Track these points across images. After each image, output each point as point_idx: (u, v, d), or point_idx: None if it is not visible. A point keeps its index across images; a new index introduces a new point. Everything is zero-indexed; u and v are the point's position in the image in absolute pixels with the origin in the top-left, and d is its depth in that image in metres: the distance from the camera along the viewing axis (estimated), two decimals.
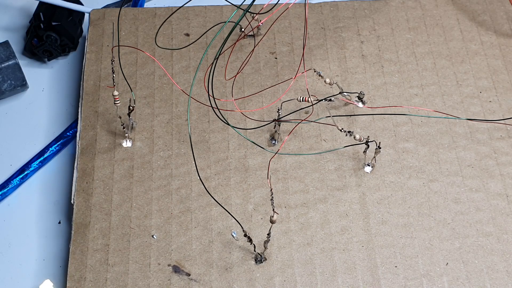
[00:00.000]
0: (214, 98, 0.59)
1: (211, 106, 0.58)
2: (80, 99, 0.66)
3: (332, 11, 0.72)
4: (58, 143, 0.66)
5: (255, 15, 0.68)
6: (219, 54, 0.54)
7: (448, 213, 0.61)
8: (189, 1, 0.64)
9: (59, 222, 0.63)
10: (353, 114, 0.66)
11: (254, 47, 0.69)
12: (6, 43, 0.69)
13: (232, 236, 0.59)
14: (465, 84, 0.68)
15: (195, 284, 0.57)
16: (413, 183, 0.62)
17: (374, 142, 0.61)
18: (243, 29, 0.68)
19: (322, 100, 0.63)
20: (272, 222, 0.55)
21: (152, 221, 0.60)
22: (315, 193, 0.61)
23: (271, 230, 0.57)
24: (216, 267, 0.58)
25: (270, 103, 0.66)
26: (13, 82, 0.68)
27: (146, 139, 0.64)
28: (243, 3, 0.61)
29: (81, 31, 0.73)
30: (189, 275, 0.58)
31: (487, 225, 0.60)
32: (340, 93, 0.65)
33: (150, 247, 0.59)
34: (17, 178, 0.65)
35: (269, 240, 0.58)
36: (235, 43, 0.69)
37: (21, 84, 0.69)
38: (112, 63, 0.60)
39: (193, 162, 0.62)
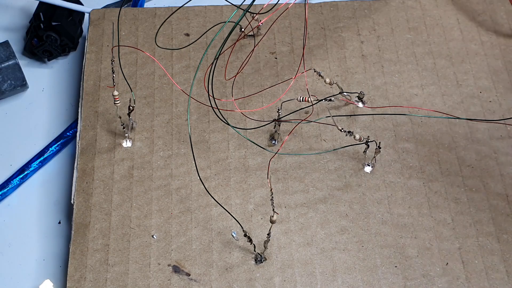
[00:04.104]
0: (214, 98, 0.59)
1: (211, 106, 0.58)
2: (80, 99, 0.66)
3: (332, 11, 0.72)
4: (58, 143, 0.66)
5: (255, 15, 0.68)
6: (219, 54, 0.54)
7: (448, 213, 0.60)
8: (189, 1, 0.64)
9: (59, 222, 0.63)
10: (353, 114, 0.66)
11: (254, 47, 0.69)
12: (6, 43, 0.69)
13: (232, 236, 0.59)
14: (465, 84, 0.67)
15: (195, 284, 0.57)
16: (413, 183, 0.62)
17: (374, 142, 0.61)
18: (243, 29, 0.68)
19: (322, 100, 0.63)
20: (272, 222, 0.55)
21: (152, 221, 0.60)
22: (315, 193, 0.61)
23: (271, 230, 0.57)
24: (216, 267, 0.58)
25: (270, 103, 0.66)
26: (13, 82, 0.68)
27: (146, 139, 0.64)
28: (243, 3, 0.61)
29: (81, 31, 0.73)
30: (189, 275, 0.58)
31: (487, 225, 0.60)
32: (340, 93, 0.65)
33: (150, 247, 0.59)
34: (17, 178, 0.64)
35: (269, 240, 0.58)
36: (235, 43, 0.69)
37: (21, 84, 0.69)
38: (112, 63, 0.59)
39: (193, 162, 0.62)
